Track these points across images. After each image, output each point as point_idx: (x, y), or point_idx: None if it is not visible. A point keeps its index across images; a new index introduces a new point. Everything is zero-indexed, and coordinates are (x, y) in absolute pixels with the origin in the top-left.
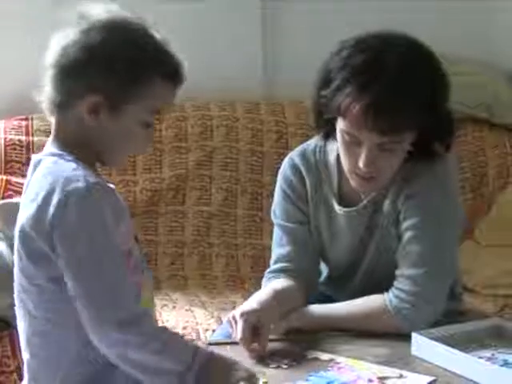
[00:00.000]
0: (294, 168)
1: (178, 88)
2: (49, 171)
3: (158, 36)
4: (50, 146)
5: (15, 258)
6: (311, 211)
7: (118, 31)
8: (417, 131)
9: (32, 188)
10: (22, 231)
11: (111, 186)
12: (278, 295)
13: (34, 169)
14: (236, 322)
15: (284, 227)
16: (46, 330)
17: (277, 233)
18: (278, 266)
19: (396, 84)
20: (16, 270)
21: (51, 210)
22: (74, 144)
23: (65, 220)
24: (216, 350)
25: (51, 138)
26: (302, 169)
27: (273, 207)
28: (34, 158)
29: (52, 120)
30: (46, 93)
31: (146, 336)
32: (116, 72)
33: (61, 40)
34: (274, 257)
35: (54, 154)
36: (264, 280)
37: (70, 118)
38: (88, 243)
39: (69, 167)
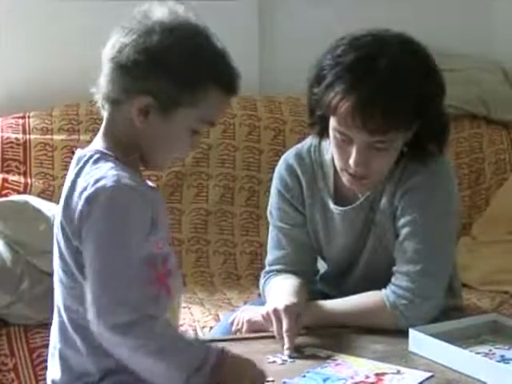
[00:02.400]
0: (290, 169)
1: (232, 99)
2: (89, 171)
3: (218, 44)
4: (97, 142)
5: (56, 257)
6: (307, 211)
7: (179, 36)
8: (410, 131)
9: (73, 185)
10: (62, 228)
11: (154, 192)
12: (298, 290)
13: (77, 163)
14: (274, 317)
15: (281, 228)
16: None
17: (274, 233)
18: (277, 267)
19: (385, 84)
20: (58, 269)
21: (80, 205)
22: (120, 142)
23: (90, 216)
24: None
25: (100, 133)
26: (298, 170)
27: (269, 208)
28: (79, 153)
29: (104, 114)
30: (100, 85)
31: (142, 339)
32: (172, 77)
33: (121, 37)
34: (270, 258)
35: (98, 152)
36: (262, 279)
37: (120, 115)
38: (106, 241)
39: (106, 167)
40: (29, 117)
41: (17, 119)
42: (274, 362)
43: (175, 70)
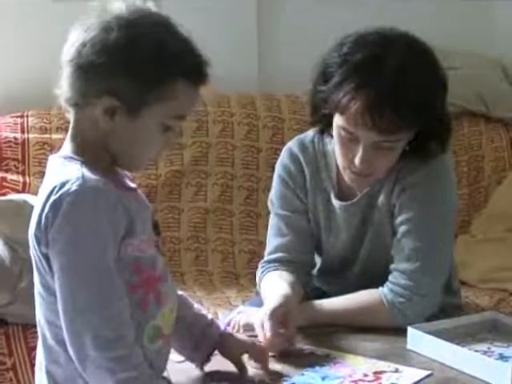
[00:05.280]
0: (293, 157)
1: (202, 88)
2: (54, 175)
3: (182, 34)
4: (66, 147)
5: (35, 270)
6: (310, 201)
7: (139, 30)
8: (414, 130)
9: (40, 191)
10: (35, 237)
11: (131, 193)
12: (293, 289)
13: (49, 169)
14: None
15: (283, 216)
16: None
17: (274, 222)
18: (277, 256)
19: (396, 83)
20: (36, 282)
21: (46, 212)
22: (89, 145)
23: (55, 223)
24: None
25: (68, 136)
26: (301, 159)
27: (270, 196)
28: (51, 159)
29: (69, 117)
30: (61, 89)
31: (114, 363)
32: (135, 75)
33: (80, 34)
34: (270, 246)
35: (63, 157)
36: (260, 271)
37: (86, 117)
38: (72, 250)
39: (71, 170)
40: (27, 116)
41: (15, 118)
42: (273, 356)
43: (138, 68)
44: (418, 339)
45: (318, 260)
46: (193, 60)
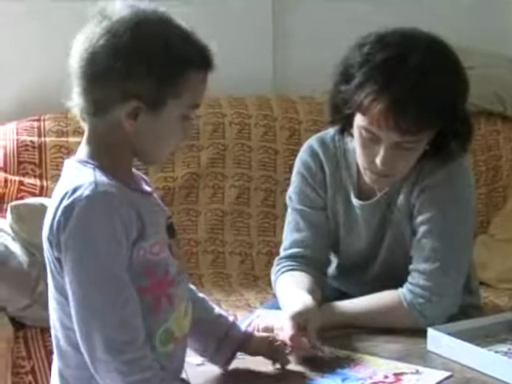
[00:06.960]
0: (313, 154)
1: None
2: (67, 179)
3: (183, 27)
4: (81, 151)
5: (48, 272)
6: (329, 199)
7: (147, 29)
8: (435, 130)
9: (54, 195)
10: (47, 240)
11: (145, 197)
12: (312, 294)
13: (64, 173)
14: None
15: (300, 211)
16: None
17: (292, 217)
18: (293, 251)
19: (418, 84)
20: (50, 284)
21: (58, 216)
22: (105, 149)
23: (68, 227)
24: None
25: (83, 141)
26: (321, 155)
27: (288, 192)
28: (65, 162)
29: (85, 126)
30: (75, 99)
31: (127, 366)
32: (151, 75)
33: (85, 43)
34: (287, 242)
35: (78, 161)
36: (276, 269)
37: (105, 124)
38: (85, 255)
39: (84, 174)
40: (44, 120)
41: (32, 122)
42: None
43: (153, 67)
44: (437, 340)
45: (333, 259)
46: (198, 49)
